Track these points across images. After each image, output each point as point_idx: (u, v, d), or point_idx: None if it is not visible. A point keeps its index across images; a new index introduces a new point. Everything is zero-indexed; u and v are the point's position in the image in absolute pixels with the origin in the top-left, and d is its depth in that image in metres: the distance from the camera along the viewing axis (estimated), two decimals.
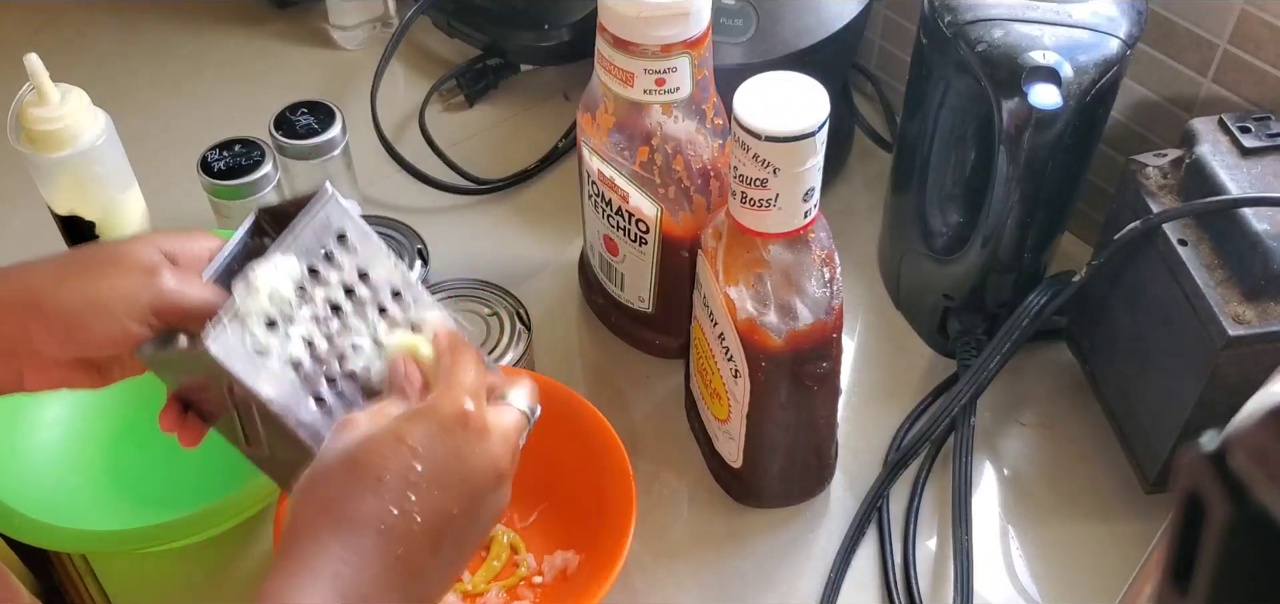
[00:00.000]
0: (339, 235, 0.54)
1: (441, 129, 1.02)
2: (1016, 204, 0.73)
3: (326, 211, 0.54)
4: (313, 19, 1.13)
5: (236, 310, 0.50)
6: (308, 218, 0.53)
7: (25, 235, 0.91)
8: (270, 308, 0.51)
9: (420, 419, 0.49)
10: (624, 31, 0.66)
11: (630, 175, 0.73)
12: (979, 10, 0.71)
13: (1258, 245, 0.64)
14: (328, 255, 0.54)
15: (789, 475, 0.74)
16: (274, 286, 0.52)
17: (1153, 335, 0.71)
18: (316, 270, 0.53)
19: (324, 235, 0.54)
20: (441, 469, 0.49)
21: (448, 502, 0.49)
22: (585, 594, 0.67)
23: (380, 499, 0.47)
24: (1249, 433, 0.29)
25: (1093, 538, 0.74)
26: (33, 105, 0.76)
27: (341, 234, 0.54)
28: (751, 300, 0.65)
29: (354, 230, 0.55)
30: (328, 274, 0.54)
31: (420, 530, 0.48)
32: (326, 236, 0.54)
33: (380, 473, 0.47)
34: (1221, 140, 0.69)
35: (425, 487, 0.48)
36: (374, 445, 0.48)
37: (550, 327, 0.86)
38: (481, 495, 0.50)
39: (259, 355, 0.50)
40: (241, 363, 0.50)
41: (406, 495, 0.47)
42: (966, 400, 0.75)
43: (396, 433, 0.49)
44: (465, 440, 0.50)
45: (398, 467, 0.48)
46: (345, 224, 0.55)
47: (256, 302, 0.51)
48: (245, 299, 0.51)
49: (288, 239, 0.53)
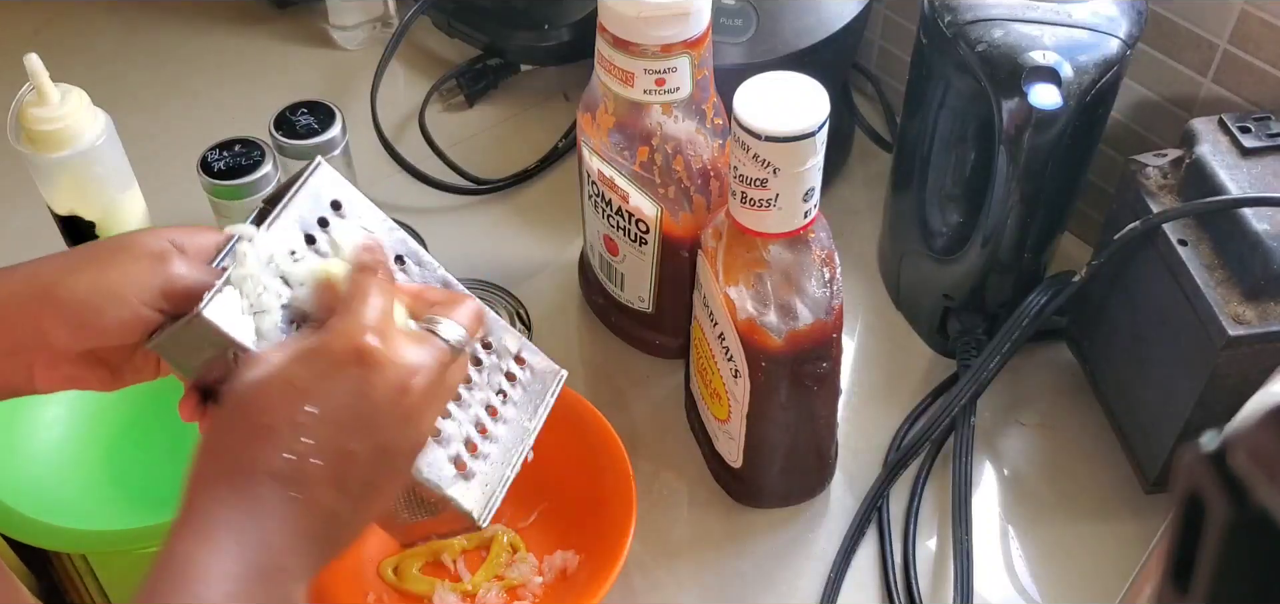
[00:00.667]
0: (333, 203, 0.55)
1: (441, 129, 1.02)
2: (1016, 204, 0.73)
3: (317, 180, 0.54)
4: (313, 19, 1.13)
5: (231, 278, 0.51)
6: (300, 187, 0.54)
7: (25, 235, 0.91)
8: (264, 275, 0.51)
9: (312, 358, 0.48)
10: (624, 31, 0.66)
11: (630, 175, 0.73)
12: (979, 10, 0.71)
13: (1258, 245, 0.64)
14: (323, 222, 0.54)
15: (789, 475, 0.74)
16: (266, 253, 0.52)
17: (1153, 335, 0.71)
18: (313, 238, 0.54)
19: (317, 204, 0.54)
20: (337, 408, 0.47)
21: (346, 440, 0.47)
22: (585, 594, 0.67)
23: (272, 445, 0.46)
24: (1249, 433, 0.29)
25: (1093, 538, 0.74)
26: (33, 105, 0.76)
27: (336, 202, 0.55)
28: (751, 300, 0.65)
29: (348, 198, 0.55)
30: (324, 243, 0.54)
31: (320, 473, 0.47)
32: (319, 205, 0.54)
33: (270, 419, 0.47)
34: (1221, 140, 0.69)
35: (318, 427, 0.47)
36: (264, 389, 0.47)
37: (550, 327, 0.86)
38: (386, 431, 0.48)
39: (256, 318, 0.51)
40: (237, 327, 0.50)
41: (298, 440, 0.46)
42: (966, 400, 0.75)
43: (286, 376, 0.47)
44: (362, 376, 0.48)
45: (287, 411, 0.47)
46: (338, 192, 0.55)
47: (248, 267, 0.51)
48: (237, 267, 0.51)
49: (280, 209, 0.53)
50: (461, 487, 0.54)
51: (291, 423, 0.47)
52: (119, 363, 0.55)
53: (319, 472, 0.47)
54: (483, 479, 0.55)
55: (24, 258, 0.54)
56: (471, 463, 0.54)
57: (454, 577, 0.72)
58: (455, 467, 0.54)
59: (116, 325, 0.51)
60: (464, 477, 0.54)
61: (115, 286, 0.51)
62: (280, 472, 0.46)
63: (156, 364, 0.56)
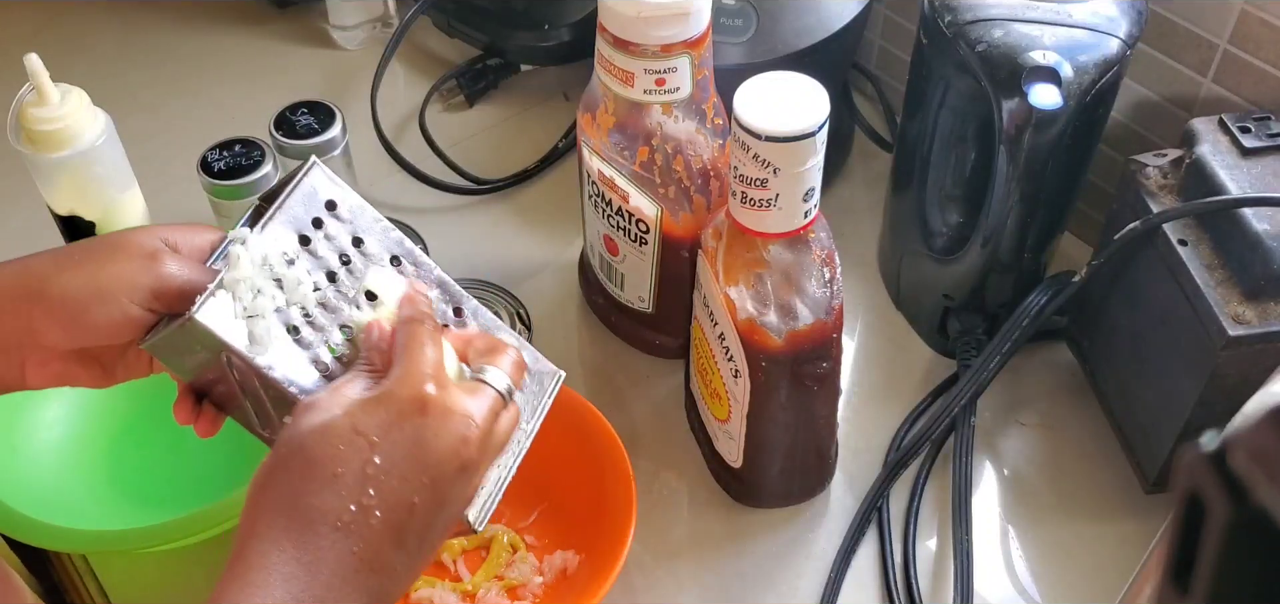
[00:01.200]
0: (328, 203, 0.54)
1: (441, 129, 1.02)
2: (1016, 204, 0.73)
3: (311, 181, 0.54)
4: (313, 19, 1.13)
5: (223, 281, 0.50)
6: (294, 189, 0.54)
7: (25, 235, 0.91)
8: (257, 278, 0.51)
9: (376, 407, 0.47)
10: (624, 31, 0.66)
11: (630, 175, 0.73)
12: (979, 10, 0.71)
13: (1258, 245, 0.64)
14: (317, 223, 0.54)
15: (789, 475, 0.74)
16: (260, 255, 0.51)
17: (1153, 335, 0.71)
18: (308, 238, 0.53)
19: (311, 204, 0.54)
20: (400, 459, 0.47)
21: (409, 492, 0.47)
22: (585, 594, 0.67)
23: (337, 495, 0.45)
24: (1249, 433, 0.29)
25: (1093, 538, 0.74)
26: (33, 105, 0.76)
27: (331, 202, 0.55)
28: (751, 300, 0.65)
29: (343, 198, 0.55)
30: (319, 243, 0.54)
31: (380, 525, 0.46)
32: (314, 205, 0.54)
33: (335, 468, 0.46)
34: (1222, 140, 0.69)
35: (384, 479, 0.46)
36: (329, 437, 0.46)
37: (550, 327, 0.86)
38: (446, 483, 0.48)
39: (250, 322, 0.50)
40: (231, 330, 0.50)
41: (365, 490, 0.45)
42: (966, 400, 0.75)
43: (352, 423, 0.47)
44: (425, 426, 0.47)
45: (355, 460, 0.46)
46: (333, 192, 0.55)
47: (241, 270, 0.51)
48: (231, 270, 0.51)
49: (274, 210, 0.53)
50: None
51: (359, 474, 0.46)
52: (112, 361, 0.55)
53: (379, 524, 0.46)
54: None
55: None
56: None
57: (454, 577, 0.72)
58: None
59: (107, 324, 0.51)
60: None
61: (106, 285, 0.51)
62: (343, 523, 0.45)
63: (150, 361, 0.56)
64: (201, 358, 0.52)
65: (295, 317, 0.52)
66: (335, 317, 0.53)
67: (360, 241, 0.55)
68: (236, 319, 0.50)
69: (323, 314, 0.53)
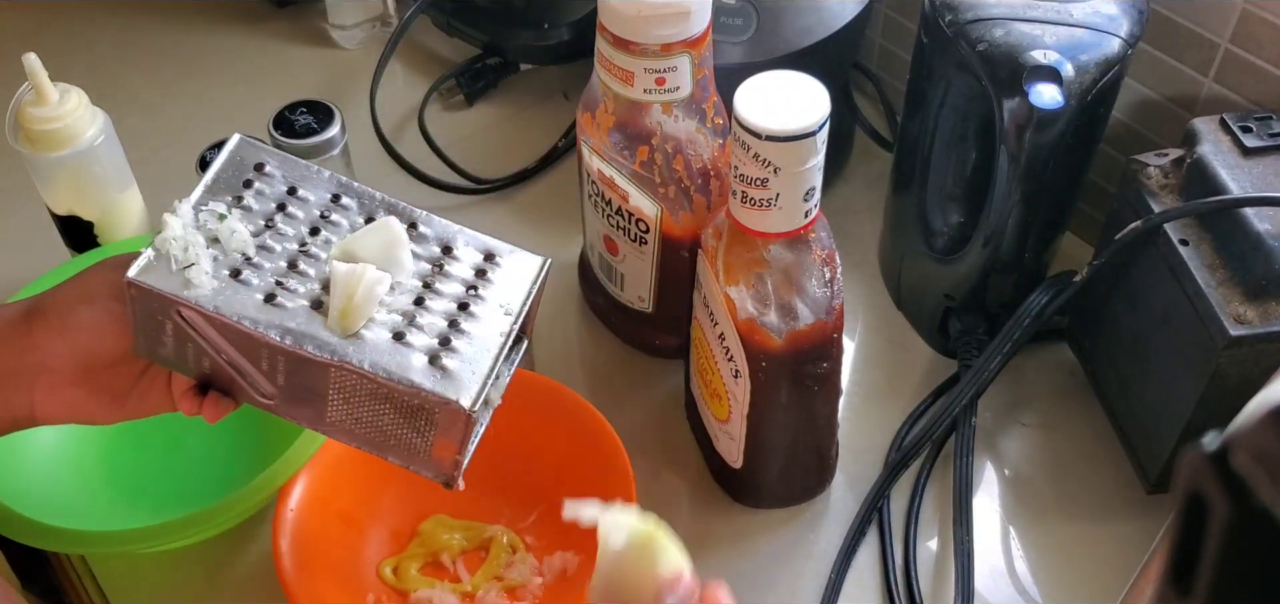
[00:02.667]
0: (256, 166, 0.57)
1: (441, 128, 1.02)
2: (1017, 204, 0.73)
3: (237, 150, 0.58)
4: (312, 19, 1.13)
5: (154, 244, 0.54)
6: (221, 159, 0.57)
7: (25, 235, 0.91)
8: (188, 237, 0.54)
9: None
10: (624, 31, 0.66)
11: (630, 175, 0.73)
12: (980, 9, 0.71)
13: (1259, 245, 0.64)
14: (247, 183, 0.57)
15: (789, 476, 0.74)
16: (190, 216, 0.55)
17: (1154, 335, 0.71)
18: (240, 197, 0.56)
19: (240, 170, 0.57)
20: None
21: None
22: (585, 594, 0.67)
23: None
24: (1250, 433, 0.29)
25: (1094, 538, 0.74)
26: (31, 105, 0.76)
27: (259, 164, 0.58)
28: (752, 300, 0.65)
29: (271, 158, 0.58)
30: (250, 198, 0.56)
31: None
32: (243, 170, 0.57)
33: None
34: (1223, 140, 0.69)
35: None
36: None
37: (550, 327, 0.86)
38: None
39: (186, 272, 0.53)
40: (168, 282, 0.53)
41: None
42: (967, 400, 0.75)
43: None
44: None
45: None
46: (260, 156, 0.58)
47: (171, 231, 0.54)
48: (161, 234, 0.54)
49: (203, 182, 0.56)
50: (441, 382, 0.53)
51: None
52: (121, 390, 0.57)
53: None
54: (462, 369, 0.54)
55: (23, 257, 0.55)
56: (445, 357, 0.54)
57: (454, 577, 0.72)
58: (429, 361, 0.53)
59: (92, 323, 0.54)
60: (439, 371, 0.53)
61: (87, 289, 0.55)
62: None
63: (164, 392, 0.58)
64: (170, 330, 0.54)
65: (237, 261, 0.54)
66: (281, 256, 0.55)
67: (294, 190, 0.57)
68: (172, 272, 0.53)
69: (266, 257, 0.55)
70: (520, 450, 0.72)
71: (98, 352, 0.55)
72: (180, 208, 0.55)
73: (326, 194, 0.58)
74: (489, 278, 0.57)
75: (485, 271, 0.57)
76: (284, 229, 0.56)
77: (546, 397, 0.74)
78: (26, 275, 0.78)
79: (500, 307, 0.56)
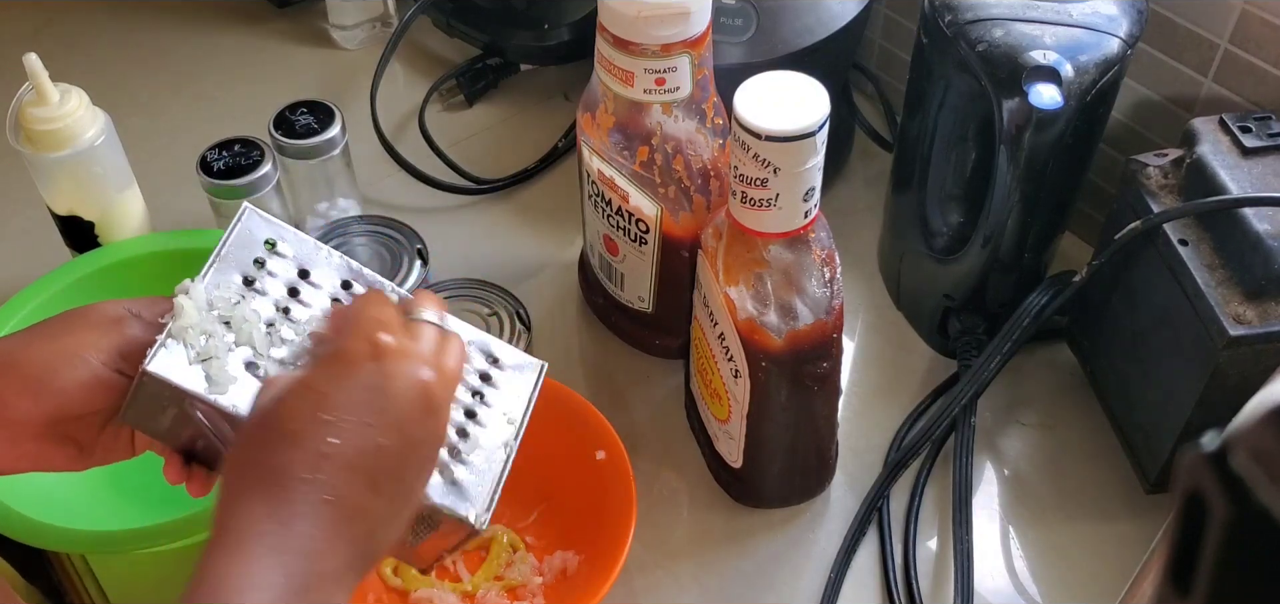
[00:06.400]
0: (267, 242, 0.56)
1: (441, 129, 1.02)
2: (1017, 204, 0.73)
3: (246, 224, 0.56)
4: (313, 19, 1.13)
5: (171, 331, 0.52)
6: (229, 234, 0.55)
7: (25, 235, 0.91)
8: (205, 322, 0.52)
9: (328, 364, 0.49)
10: (624, 31, 0.66)
11: (630, 175, 0.73)
12: (979, 10, 0.71)
13: (1258, 245, 0.64)
14: (259, 262, 0.55)
15: (789, 475, 0.74)
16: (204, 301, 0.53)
17: (1153, 335, 0.71)
18: (252, 279, 0.55)
19: (250, 246, 0.55)
20: (359, 405, 0.47)
21: (374, 435, 0.47)
22: (585, 594, 0.67)
23: (300, 450, 0.46)
24: (1250, 433, 0.29)
25: (1093, 538, 0.74)
26: (32, 105, 0.76)
27: (270, 241, 0.56)
28: (751, 300, 0.65)
29: (281, 234, 0.56)
30: (264, 281, 0.55)
31: (348, 470, 0.47)
32: (253, 246, 0.55)
33: (295, 425, 0.47)
34: (1222, 140, 0.69)
35: (346, 427, 0.47)
36: (285, 400, 0.48)
37: (550, 326, 0.86)
38: (412, 421, 0.49)
39: (205, 365, 0.52)
40: (186, 376, 0.51)
41: (325, 440, 0.46)
42: (967, 400, 0.75)
43: (304, 382, 0.48)
44: (379, 370, 0.48)
45: (309, 413, 0.47)
46: (269, 231, 0.56)
47: (187, 318, 0.52)
48: (177, 320, 0.52)
49: (212, 259, 0.54)
50: (452, 495, 0.54)
51: (315, 424, 0.47)
52: (87, 440, 0.55)
53: (347, 470, 0.47)
54: (472, 482, 0.54)
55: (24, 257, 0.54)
56: (455, 468, 0.54)
57: (454, 577, 0.72)
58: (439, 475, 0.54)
59: (75, 387, 0.52)
60: (450, 483, 0.54)
61: (74, 349, 0.52)
62: (308, 473, 0.46)
63: (129, 441, 0.56)
64: (172, 413, 0.53)
65: (250, 354, 0.53)
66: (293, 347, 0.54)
67: (306, 272, 0.56)
68: (190, 365, 0.51)
69: (280, 347, 0.54)
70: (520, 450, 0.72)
71: (71, 410, 0.53)
72: (193, 289, 0.53)
73: (337, 279, 0.57)
74: (493, 382, 0.58)
75: (489, 375, 0.58)
76: (297, 315, 0.55)
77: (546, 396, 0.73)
78: (27, 275, 0.78)
79: (504, 415, 0.57)
